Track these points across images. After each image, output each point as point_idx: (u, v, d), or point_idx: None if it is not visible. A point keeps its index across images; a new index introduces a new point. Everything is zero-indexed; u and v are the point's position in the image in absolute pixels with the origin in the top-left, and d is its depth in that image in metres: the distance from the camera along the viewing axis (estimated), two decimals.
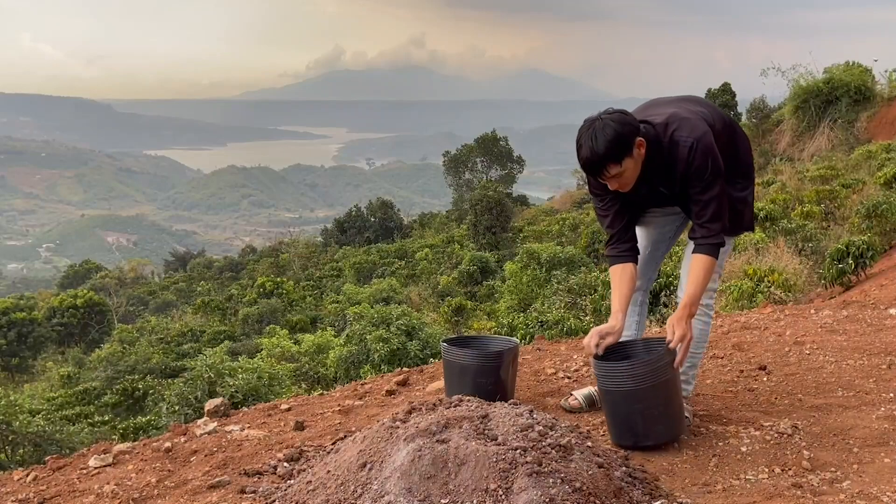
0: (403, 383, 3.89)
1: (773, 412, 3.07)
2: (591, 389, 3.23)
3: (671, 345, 2.77)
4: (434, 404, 2.60)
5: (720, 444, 2.78)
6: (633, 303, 3.15)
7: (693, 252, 2.85)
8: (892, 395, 3.18)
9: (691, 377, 3.08)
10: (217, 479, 2.64)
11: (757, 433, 2.83)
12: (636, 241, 3.01)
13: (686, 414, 2.92)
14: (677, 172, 2.77)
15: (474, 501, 2.04)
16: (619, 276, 2.96)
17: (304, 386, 12.10)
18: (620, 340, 2.93)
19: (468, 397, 2.65)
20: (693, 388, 3.11)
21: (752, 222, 3.03)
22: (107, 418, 12.99)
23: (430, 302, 20.51)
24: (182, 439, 3.20)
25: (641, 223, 3.11)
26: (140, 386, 14.55)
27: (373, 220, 44.04)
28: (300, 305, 25.04)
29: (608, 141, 2.64)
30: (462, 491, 2.07)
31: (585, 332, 4.51)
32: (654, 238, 3.14)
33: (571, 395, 3.27)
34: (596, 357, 2.85)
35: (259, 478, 2.68)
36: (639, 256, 3.13)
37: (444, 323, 15.92)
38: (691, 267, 2.84)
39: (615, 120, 2.67)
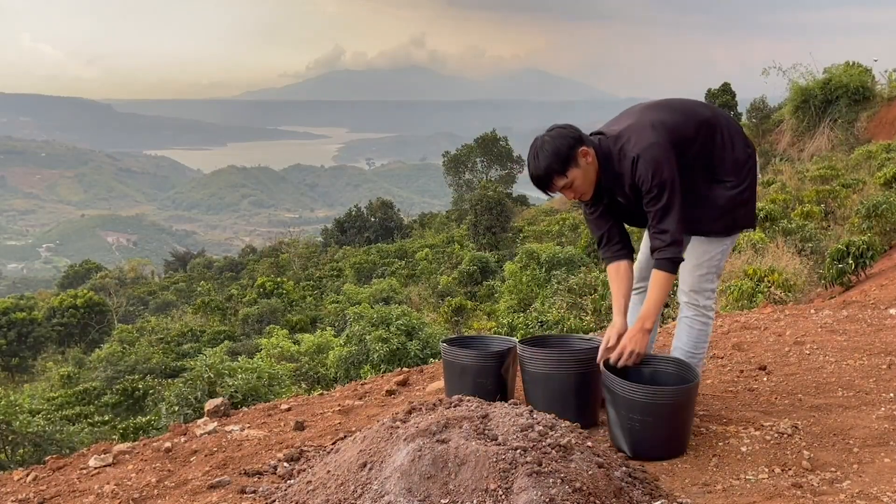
0: (403, 383, 3.89)
1: (773, 412, 3.07)
2: None
3: (612, 358, 2.82)
4: (434, 404, 2.60)
5: (720, 444, 2.78)
6: (640, 301, 3.15)
7: (653, 268, 2.85)
8: (892, 395, 3.18)
9: None
10: (217, 479, 2.64)
11: (757, 433, 2.83)
12: (628, 240, 3.03)
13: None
14: (626, 184, 2.83)
15: (474, 501, 2.04)
16: (615, 275, 2.99)
17: (304, 386, 12.11)
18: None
19: (468, 397, 2.65)
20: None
21: (750, 219, 2.99)
22: (107, 418, 13.00)
23: (430, 302, 20.52)
24: (182, 439, 3.20)
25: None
26: (140, 386, 14.57)
27: (373, 220, 44.06)
28: (300, 305, 25.05)
29: (547, 156, 2.77)
30: (462, 491, 2.07)
31: (585, 332, 4.53)
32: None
33: None
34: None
35: (259, 478, 2.69)
36: (640, 259, 3.14)
37: (444, 323, 15.92)
38: (650, 283, 2.86)
39: (553, 136, 2.79)
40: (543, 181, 2.82)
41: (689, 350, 3.04)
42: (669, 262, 2.80)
